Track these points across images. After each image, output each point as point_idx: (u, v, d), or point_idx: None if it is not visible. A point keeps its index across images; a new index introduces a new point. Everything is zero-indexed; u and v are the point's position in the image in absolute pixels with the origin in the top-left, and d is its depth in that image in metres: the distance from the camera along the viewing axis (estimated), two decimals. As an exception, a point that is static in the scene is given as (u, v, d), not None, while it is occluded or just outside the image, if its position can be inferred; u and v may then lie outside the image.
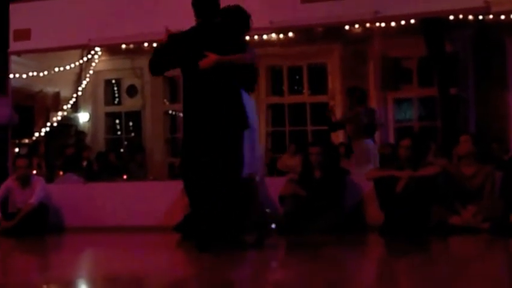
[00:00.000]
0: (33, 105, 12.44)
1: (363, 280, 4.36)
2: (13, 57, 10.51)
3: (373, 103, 11.55)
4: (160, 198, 8.99)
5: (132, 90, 13.68)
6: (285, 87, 12.86)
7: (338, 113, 10.65)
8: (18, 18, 10.17)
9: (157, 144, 13.21)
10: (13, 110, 9.76)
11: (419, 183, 7.28)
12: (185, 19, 9.10)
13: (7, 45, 10.22)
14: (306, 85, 12.73)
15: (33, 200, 8.80)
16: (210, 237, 5.87)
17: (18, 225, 8.63)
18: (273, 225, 7.72)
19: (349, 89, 10.22)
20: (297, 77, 12.94)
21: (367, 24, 10.52)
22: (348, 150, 10.15)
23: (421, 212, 7.23)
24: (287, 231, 7.62)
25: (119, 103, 13.95)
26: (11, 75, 10.51)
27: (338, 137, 11.49)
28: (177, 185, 8.68)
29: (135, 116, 13.86)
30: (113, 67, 13.43)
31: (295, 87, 13.02)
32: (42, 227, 8.80)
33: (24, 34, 10.08)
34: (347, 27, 11.00)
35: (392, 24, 9.73)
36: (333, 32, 11.43)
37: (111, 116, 14.03)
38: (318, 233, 7.45)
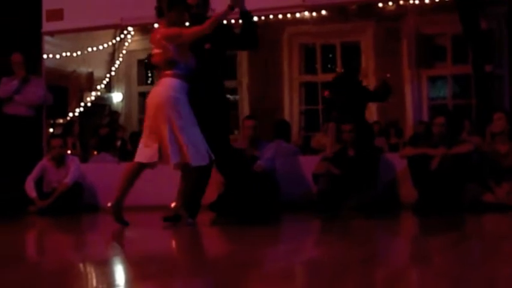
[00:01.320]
0: (67, 86, 12.52)
1: (396, 258, 4.33)
2: (46, 38, 10.57)
3: (406, 81, 11.45)
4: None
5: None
6: (318, 66, 12.78)
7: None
8: (51, -3, 10.21)
9: (190, 123, 13.23)
10: (47, 91, 9.82)
11: (453, 161, 7.21)
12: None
13: (40, 26, 10.28)
14: (339, 63, 12.63)
15: (68, 180, 8.89)
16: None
17: (53, 204, 8.72)
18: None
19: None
20: (330, 55, 12.85)
21: (401, 1, 10.39)
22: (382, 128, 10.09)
23: (454, 190, 7.17)
24: (321, 210, 7.60)
25: (152, 83, 13.98)
26: (45, 56, 10.58)
27: (372, 115, 11.40)
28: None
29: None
30: (146, 46, 13.41)
31: (328, 66, 12.93)
32: (76, 206, 8.89)
33: (56, 14, 10.12)
34: (380, 4, 10.88)
35: (426, 1, 9.62)
36: (366, 9, 11.33)
37: (144, 96, 14.05)
38: (352, 211, 7.43)
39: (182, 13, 6.27)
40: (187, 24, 6.45)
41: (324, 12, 10.73)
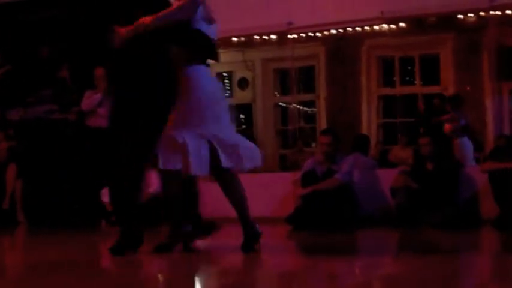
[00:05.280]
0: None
1: (477, 275, 4.26)
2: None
3: (487, 94, 11.23)
4: (272, 190, 9.05)
5: (243, 83, 13.82)
6: (397, 78, 12.67)
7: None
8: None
9: (268, 136, 13.30)
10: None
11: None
12: (296, 11, 9.15)
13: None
14: (418, 76, 12.49)
15: (151, 190, 9.04)
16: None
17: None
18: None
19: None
20: (409, 68, 12.72)
21: (482, 13, 10.22)
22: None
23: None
24: (399, 224, 7.53)
25: (231, 96, 14.12)
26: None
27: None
28: (288, 177, 8.77)
29: (246, 108, 14.00)
30: (224, 60, 13.56)
31: (407, 78, 12.80)
32: (156, 217, 9.04)
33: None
34: (460, 16, 10.71)
35: (508, 12, 9.42)
36: (445, 21, 11.16)
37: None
38: (431, 226, 7.32)
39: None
40: None
41: (402, 24, 10.64)
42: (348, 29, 10.47)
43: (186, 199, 5.62)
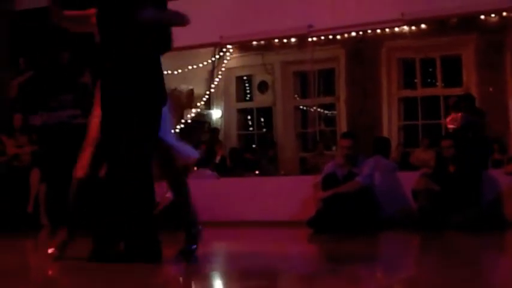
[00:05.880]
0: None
1: (500, 278, 4.21)
2: (149, 57, 10.84)
3: (510, 95, 11.14)
4: (292, 193, 9.04)
5: (263, 86, 13.83)
6: (418, 80, 12.60)
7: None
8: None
9: (288, 140, 13.29)
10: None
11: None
12: (316, 14, 9.13)
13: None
14: (439, 77, 12.42)
15: (170, 194, 9.06)
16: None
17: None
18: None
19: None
20: (430, 70, 12.65)
21: (504, 13, 10.13)
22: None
23: None
24: (421, 227, 7.48)
25: (251, 99, 14.13)
26: (147, 74, 10.84)
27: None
28: (309, 180, 8.75)
29: (266, 111, 14.00)
30: (244, 64, 13.62)
31: (428, 80, 12.73)
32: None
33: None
34: (482, 16, 10.64)
35: (531, 12, 9.34)
36: (467, 22, 11.10)
37: (243, 112, 14.25)
38: (453, 229, 7.26)
39: None
40: None
41: (423, 26, 10.58)
42: (368, 31, 10.42)
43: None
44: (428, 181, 7.78)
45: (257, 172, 11.21)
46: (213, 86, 13.41)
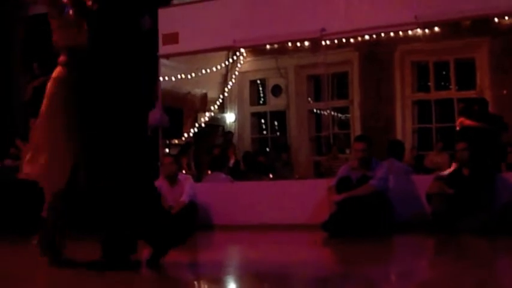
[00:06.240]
0: (182, 107, 12.83)
1: (515, 281, 4.20)
2: (162, 61, 10.91)
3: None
4: (306, 197, 9.04)
5: (276, 90, 13.84)
6: (431, 83, 12.58)
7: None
8: (166, 22, 10.54)
9: (302, 143, 13.29)
10: (163, 112, 10.10)
11: None
12: (330, 18, 9.12)
13: (156, 49, 10.63)
14: (453, 80, 12.38)
15: (184, 198, 9.09)
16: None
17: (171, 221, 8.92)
18: None
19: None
20: (444, 73, 12.62)
21: (518, 16, 10.08)
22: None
23: None
24: (435, 230, 7.46)
25: (264, 103, 14.15)
26: (161, 78, 10.92)
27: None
28: (323, 184, 8.74)
29: (280, 115, 14.02)
30: (258, 67, 13.64)
31: (442, 83, 12.70)
32: (192, 225, 9.07)
33: (172, 38, 10.44)
34: (496, 19, 10.59)
35: (545, 14, 9.29)
36: (481, 25, 11.05)
37: (256, 116, 14.26)
38: (467, 232, 7.23)
39: None
40: None
41: (436, 28, 10.55)
42: (382, 34, 10.39)
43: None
44: (442, 184, 7.76)
45: (271, 176, 11.21)
46: (226, 89, 13.43)
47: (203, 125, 12.93)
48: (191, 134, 12.62)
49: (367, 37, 10.47)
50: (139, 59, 4.95)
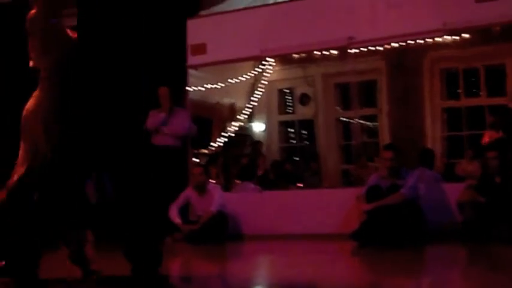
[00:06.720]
0: (210, 117, 12.85)
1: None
2: (190, 71, 10.96)
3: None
4: (335, 206, 9.00)
5: (304, 99, 13.81)
6: (461, 90, 12.46)
7: None
8: (194, 33, 10.61)
9: (330, 152, 13.23)
10: (192, 122, 10.13)
11: None
12: (357, 26, 9.10)
13: (185, 60, 10.71)
14: (483, 87, 12.26)
15: (213, 208, 9.10)
16: None
17: (199, 232, 8.94)
18: None
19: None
20: (473, 79, 12.50)
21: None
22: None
23: None
24: (466, 239, 7.38)
25: (292, 112, 14.13)
26: (189, 89, 10.97)
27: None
28: (352, 193, 8.70)
29: (308, 124, 13.98)
30: (286, 76, 13.62)
31: (472, 90, 12.58)
32: (221, 234, 9.07)
33: (200, 48, 10.50)
34: (527, 24, 10.47)
35: None
36: (510, 30, 10.94)
37: (284, 125, 14.24)
38: (499, 241, 7.14)
39: None
40: None
41: (465, 35, 10.46)
42: (410, 41, 10.33)
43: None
44: (474, 193, 7.68)
45: (300, 185, 11.18)
46: (254, 99, 13.42)
47: (232, 134, 12.93)
48: (220, 144, 12.64)
49: (395, 45, 10.41)
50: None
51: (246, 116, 13.37)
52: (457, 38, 10.56)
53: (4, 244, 4.54)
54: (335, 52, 10.96)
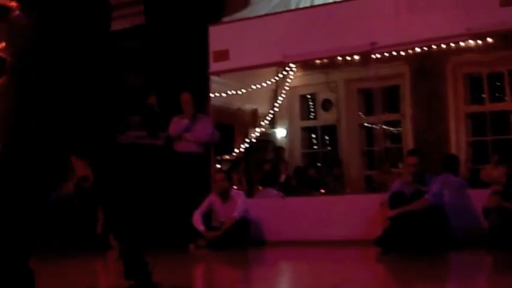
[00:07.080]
0: (232, 123, 12.86)
1: None
2: (213, 77, 10.98)
3: None
4: (359, 212, 8.95)
5: (327, 104, 13.77)
6: (486, 95, 12.36)
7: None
8: (216, 39, 10.63)
9: (353, 158, 13.17)
10: (214, 128, 10.14)
11: None
12: (380, 31, 9.05)
13: (207, 66, 10.73)
14: (507, 92, 12.14)
15: (236, 214, 9.09)
16: None
17: (222, 238, 8.93)
18: None
19: None
20: (498, 84, 12.39)
21: None
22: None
23: None
24: (492, 246, 7.29)
25: (315, 117, 14.09)
26: (212, 95, 10.99)
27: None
28: (376, 198, 8.65)
29: (330, 129, 13.93)
30: (308, 82, 13.59)
31: (496, 95, 12.47)
32: (244, 241, 9.06)
33: (222, 55, 10.51)
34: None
35: None
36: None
37: (307, 131, 14.20)
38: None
39: None
40: None
41: (489, 39, 10.37)
42: (433, 46, 10.27)
43: None
44: (499, 198, 7.60)
45: (323, 191, 11.14)
46: (276, 105, 13.41)
47: (254, 140, 12.93)
48: (242, 150, 12.63)
49: (418, 50, 10.35)
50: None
51: (268, 122, 13.36)
52: (481, 42, 10.48)
53: None
54: (357, 57, 10.92)
